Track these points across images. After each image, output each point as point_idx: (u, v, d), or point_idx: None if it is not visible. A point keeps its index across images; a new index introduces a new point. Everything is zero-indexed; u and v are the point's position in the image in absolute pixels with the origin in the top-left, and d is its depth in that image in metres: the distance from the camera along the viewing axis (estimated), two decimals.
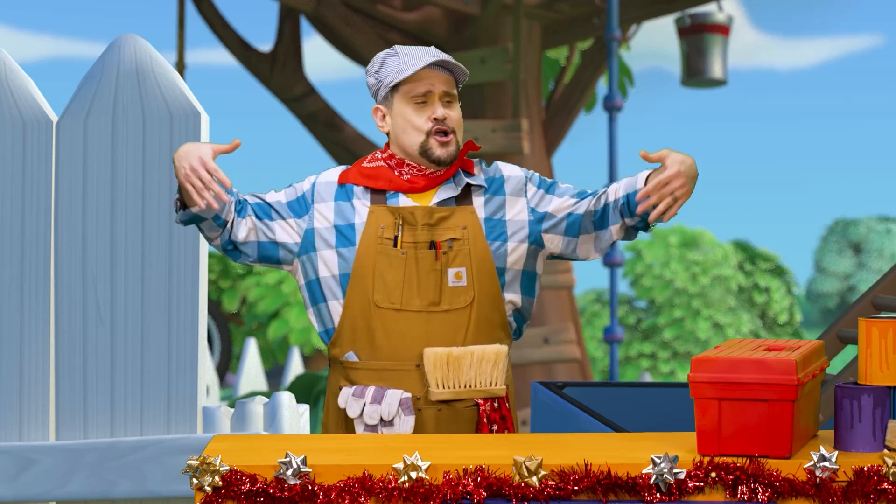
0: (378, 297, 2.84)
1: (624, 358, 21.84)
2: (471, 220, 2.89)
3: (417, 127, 2.87)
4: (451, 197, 2.89)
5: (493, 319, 2.89)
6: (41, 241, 2.83)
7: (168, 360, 2.78)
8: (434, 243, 2.86)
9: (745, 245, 23.74)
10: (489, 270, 2.88)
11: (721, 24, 9.87)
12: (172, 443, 2.71)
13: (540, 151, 9.60)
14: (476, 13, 9.22)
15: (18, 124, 2.84)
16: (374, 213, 2.87)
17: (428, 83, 2.86)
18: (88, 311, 2.81)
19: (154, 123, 2.79)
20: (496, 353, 2.85)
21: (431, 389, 2.80)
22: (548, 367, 9.13)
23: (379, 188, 2.89)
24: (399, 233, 2.86)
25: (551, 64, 11.30)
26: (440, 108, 2.85)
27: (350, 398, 2.87)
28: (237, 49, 9.81)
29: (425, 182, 2.89)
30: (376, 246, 2.85)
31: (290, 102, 9.85)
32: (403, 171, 2.90)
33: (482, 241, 2.88)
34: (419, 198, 2.90)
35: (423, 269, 2.84)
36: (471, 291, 2.86)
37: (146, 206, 2.80)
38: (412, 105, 2.87)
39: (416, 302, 2.84)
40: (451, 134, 2.87)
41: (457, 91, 2.93)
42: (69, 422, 2.81)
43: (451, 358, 2.81)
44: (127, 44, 2.81)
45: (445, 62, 2.86)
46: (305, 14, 9.44)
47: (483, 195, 2.93)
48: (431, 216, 2.86)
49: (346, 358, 2.89)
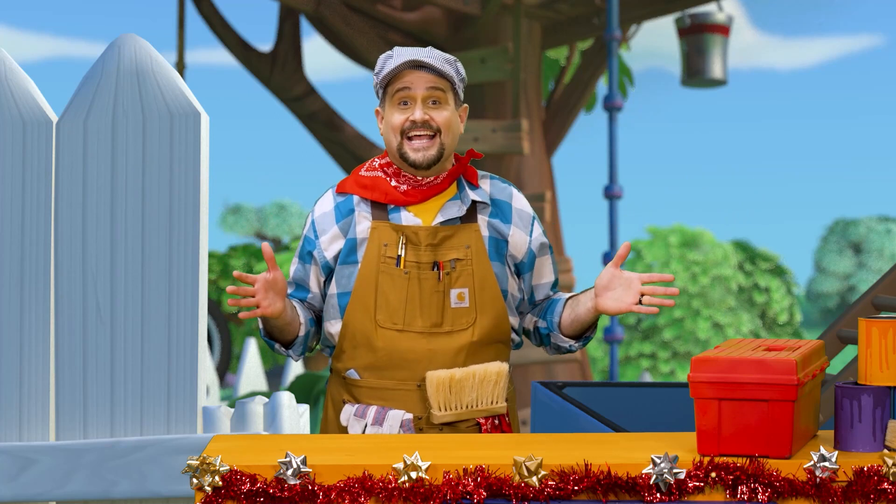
0: (380, 317, 2.82)
1: (624, 358, 21.83)
2: (475, 238, 2.85)
3: (395, 128, 2.83)
4: (455, 217, 2.85)
5: (494, 337, 2.88)
6: (41, 241, 2.83)
7: (168, 360, 2.78)
8: (437, 264, 2.83)
9: (745, 245, 23.74)
10: (492, 290, 2.86)
11: (721, 24, 9.87)
12: (172, 443, 2.72)
13: (540, 151, 9.60)
14: (476, 13, 9.22)
15: (18, 124, 2.84)
16: (376, 230, 2.83)
17: (407, 81, 2.81)
18: (88, 311, 2.81)
19: (154, 123, 2.79)
20: (497, 372, 2.83)
21: (433, 412, 2.79)
22: (548, 367, 9.13)
23: (376, 200, 2.87)
24: (402, 252, 2.84)
25: (551, 64, 11.30)
26: (418, 111, 2.80)
27: (352, 418, 2.87)
28: (237, 49, 9.81)
29: (422, 195, 2.85)
30: (379, 265, 2.83)
31: (290, 102, 9.85)
32: (400, 182, 2.86)
33: (485, 261, 2.85)
34: (421, 210, 2.86)
35: (425, 290, 2.82)
36: (473, 313, 2.84)
37: (146, 206, 2.80)
38: (396, 106, 2.83)
39: (419, 323, 2.82)
40: (436, 135, 2.82)
41: (456, 91, 2.87)
42: (69, 422, 2.81)
43: (453, 381, 2.79)
44: (127, 44, 2.81)
45: (423, 61, 2.79)
46: (305, 14, 9.44)
47: (488, 214, 2.89)
48: (435, 236, 2.82)
49: (347, 374, 2.89)
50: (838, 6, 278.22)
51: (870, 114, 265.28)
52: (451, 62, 2.85)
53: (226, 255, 16.29)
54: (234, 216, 45.06)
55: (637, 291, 2.79)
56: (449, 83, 2.84)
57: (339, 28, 9.20)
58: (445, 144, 2.83)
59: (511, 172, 9.29)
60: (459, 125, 2.88)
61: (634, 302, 2.79)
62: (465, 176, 2.91)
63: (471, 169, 2.92)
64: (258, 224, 44.81)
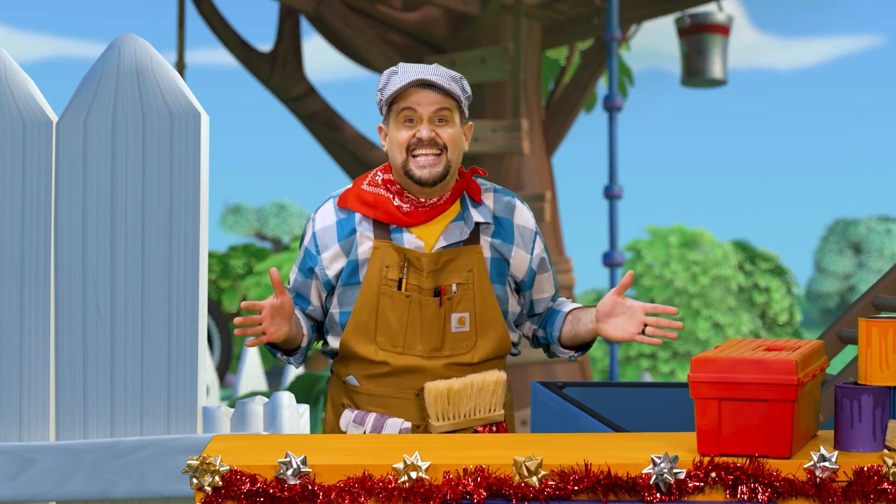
0: (381, 339, 2.82)
1: (624, 358, 21.83)
2: (477, 261, 2.83)
3: (400, 145, 2.80)
4: (458, 241, 2.84)
5: (493, 356, 2.88)
6: (41, 241, 2.83)
7: (168, 360, 2.78)
8: (439, 289, 2.83)
9: (745, 245, 23.73)
10: (493, 312, 2.85)
11: (721, 24, 9.87)
12: (172, 443, 2.71)
13: (540, 151, 9.60)
14: (476, 13, 9.22)
15: (18, 124, 2.84)
16: (378, 250, 2.82)
17: (413, 102, 2.78)
18: (88, 311, 2.81)
19: (154, 123, 2.79)
20: (495, 381, 2.83)
21: (431, 423, 2.79)
22: (548, 367, 9.13)
23: (379, 220, 2.84)
24: (404, 275, 2.82)
25: (551, 64, 11.30)
26: (424, 129, 2.78)
27: (351, 424, 2.87)
28: (237, 49, 9.81)
29: (425, 216, 2.83)
30: (380, 286, 2.82)
31: (290, 102, 9.85)
32: (403, 202, 2.84)
33: (487, 284, 2.83)
34: (423, 232, 2.83)
35: (426, 315, 2.81)
36: (473, 337, 2.84)
37: (146, 206, 2.80)
38: (401, 124, 2.80)
39: (419, 347, 2.82)
40: (442, 153, 2.79)
41: (462, 109, 2.84)
42: (69, 422, 2.81)
43: (451, 392, 2.79)
44: (127, 44, 2.81)
45: (430, 81, 2.76)
46: (305, 14, 9.44)
47: (490, 234, 2.87)
48: (437, 262, 2.80)
49: (347, 380, 2.89)
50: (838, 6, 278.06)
51: (870, 114, 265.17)
52: (458, 80, 2.82)
53: (226, 255, 16.29)
54: (234, 216, 45.04)
55: (640, 322, 2.79)
56: (455, 102, 2.82)
57: (339, 28, 9.20)
58: (451, 161, 2.81)
59: (511, 172, 9.29)
60: (464, 143, 2.86)
61: (637, 332, 2.79)
62: (468, 192, 2.89)
63: (473, 184, 2.90)
64: (258, 224, 44.80)
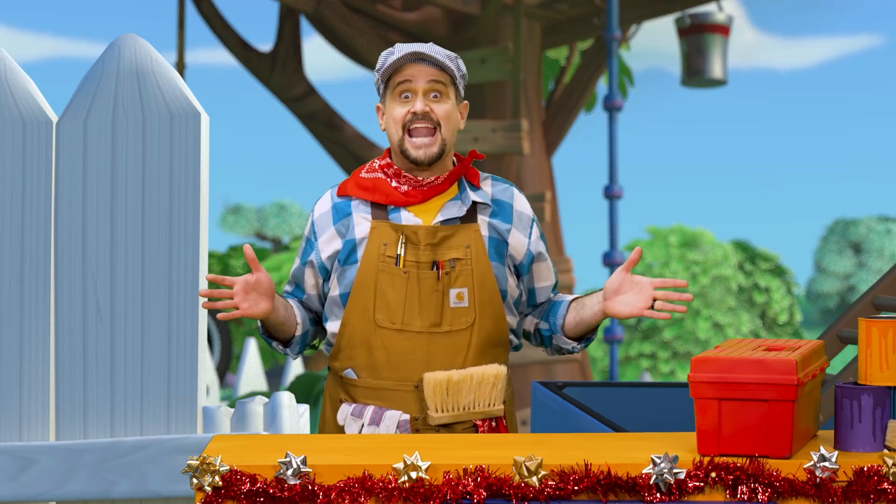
0: (379, 317, 2.82)
1: (624, 358, 21.83)
2: (474, 238, 2.84)
3: (396, 121, 2.83)
4: (456, 217, 2.86)
5: (493, 339, 2.87)
6: (41, 241, 2.83)
7: (168, 360, 2.78)
8: (436, 263, 2.83)
9: (745, 245, 23.74)
10: (491, 290, 2.85)
11: (721, 24, 9.87)
12: (172, 443, 2.71)
13: (540, 151, 9.60)
14: (476, 13, 9.22)
15: (18, 124, 2.84)
16: (376, 229, 2.83)
17: (408, 74, 2.81)
18: (88, 311, 2.81)
19: (154, 123, 2.79)
20: (495, 374, 2.83)
21: (430, 413, 2.79)
22: (548, 367, 9.13)
23: (377, 202, 2.87)
24: (401, 251, 2.83)
25: (551, 64, 11.30)
26: (419, 102, 2.81)
27: (349, 417, 2.86)
28: (237, 49, 9.81)
29: (423, 195, 2.85)
30: (378, 264, 2.83)
31: (290, 102, 9.85)
32: (401, 183, 2.87)
33: (485, 261, 2.84)
34: (421, 210, 2.85)
35: (424, 289, 2.81)
36: (472, 312, 2.84)
37: (146, 206, 2.80)
38: (397, 100, 2.84)
39: (417, 323, 2.81)
40: (437, 130, 2.82)
41: (457, 86, 2.88)
42: (69, 422, 2.81)
43: (450, 383, 2.79)
44: (127, 44, 2.81)
45: (424, 55, 2.80)
46: (305, 14, 9.44)
47: (488, 214, 2.89)
48: (435, 235, 2.81)
49: (345, 374, 2.88)
50: (838, 6, 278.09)
51: (870, 114, 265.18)
52: (452, 58, 2.86)
53: (226, 255, 16.29)
54: (234, 216, 45.05)
55: (649, 296, 2.78)
56: (450, 77, 2.84)
57: (339, 28, 9.21)
58: (446, 139, 2.83)
59: (511, 172, 9.29)
60: (459, 120, 2.89)
61: (646, 306, 2.77)
62: (466, 177, 2.91)
63: (472, 170, 2.92)
64: (258, 224, 44.81)
